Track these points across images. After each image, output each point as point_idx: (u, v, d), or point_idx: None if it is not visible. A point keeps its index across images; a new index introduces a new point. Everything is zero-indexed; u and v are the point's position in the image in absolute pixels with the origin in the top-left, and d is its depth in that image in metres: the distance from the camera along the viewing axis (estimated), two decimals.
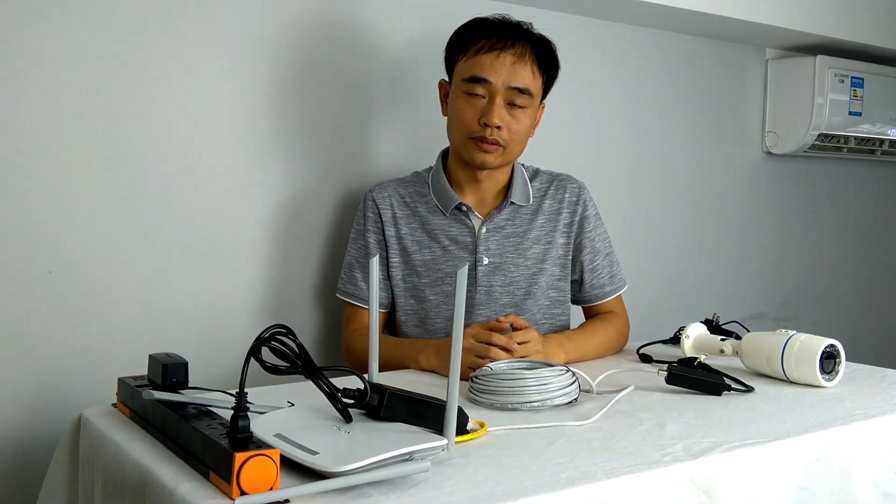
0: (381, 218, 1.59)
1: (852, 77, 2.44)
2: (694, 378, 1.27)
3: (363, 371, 1.04)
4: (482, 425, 1.05)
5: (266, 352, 0.91)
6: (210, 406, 0.99)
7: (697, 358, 1.38)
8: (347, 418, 0.95)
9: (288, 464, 0.85)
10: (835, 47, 2.43)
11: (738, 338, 1.47)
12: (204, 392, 1.05)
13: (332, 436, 0.91)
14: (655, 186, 2.30)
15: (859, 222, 2.83)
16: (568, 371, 1.20)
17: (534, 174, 1.65)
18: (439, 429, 0.91)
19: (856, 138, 2.53)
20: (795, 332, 1.34)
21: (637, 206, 2.26)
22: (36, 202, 1.43)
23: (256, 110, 1.65)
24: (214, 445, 0.84)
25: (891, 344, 2.88)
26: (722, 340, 1.45)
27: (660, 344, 1.62)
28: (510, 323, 1.38)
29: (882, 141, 2.60)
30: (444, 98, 1.59)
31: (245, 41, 1.62)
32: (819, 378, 1.29)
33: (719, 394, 1.24)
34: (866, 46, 2.45)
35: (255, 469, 0.79)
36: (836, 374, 1.32)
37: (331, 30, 1.72)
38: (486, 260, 1.56)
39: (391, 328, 1.63)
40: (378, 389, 0.97)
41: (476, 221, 1.58)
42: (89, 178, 1.47)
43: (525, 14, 1.61)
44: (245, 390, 0.86)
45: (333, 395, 0.95)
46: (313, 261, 1.74)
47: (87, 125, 1.47)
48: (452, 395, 0.89)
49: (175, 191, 1.56)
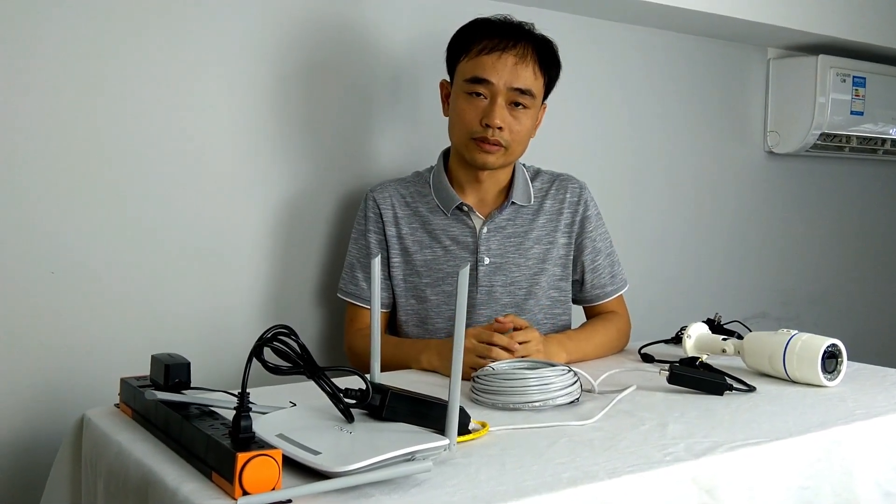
0: (382, 218, 1.59)
1: (854, 76, 2.44)
2: (696, 378, 1.27)
3: (365, 371, 1.04)
4: (484, 425, 1.05)
5: (268, 352, 0.91)
6: (212, 406, 0.99)
7: (699, 357, 1.38)
8: (349, 418, 0.95)
9: (290, 464, 0.85)
10: (837, 47, 2.42)
11: (740, 337, 1.46)
12: (206, 392, 1.05)
13: (334, 436, 0.91)
14: (657, 186, 2.30)
15: (861, 222, 2.83)
16: (570, 371, 1.20)
17: (535, 174, 1.65)
18: (441, 429, 0.91)
19: (858, 138, 2.52)
20: (797, 332, 1.34)
21: (639, 206, 2.26)
22: (38, 203, 1.43)
23: (257, 110, 1.65)
24: (217, 446, 0.84)
25: (893, 343, 2.88)
26: (724, 340, 1.45)
27: (661, 343, 1.62)
28: (512, 323, 1.38)
29: (884, 140, 2.60)
30: (446, 98, 1.60)
31: (246, 42, 1.62)
32: (821, 378, 1.29)
33: (721, 393, 1.24)
34: (868, 46, 2.45)
35: (258, 469, 0.79)
36: (838, 374, 1.32)
37: (331, 30, 1.72)
38: (488, 260, 1.56)
39: (392, 328, 1.64)
40: (380, 389, 0.97)
41: (477, 221, 1.58)
42: (91, 179, 1.48)
43: (526, 14, 1.61)
44: (247, 390, 0.86)
45: (335, 396, 0.95)
46: (315, 261, 1.74)
47: (89, 126, 1.47)
48: (454, 395, 0.89)
49: (177, 191, 1.56)
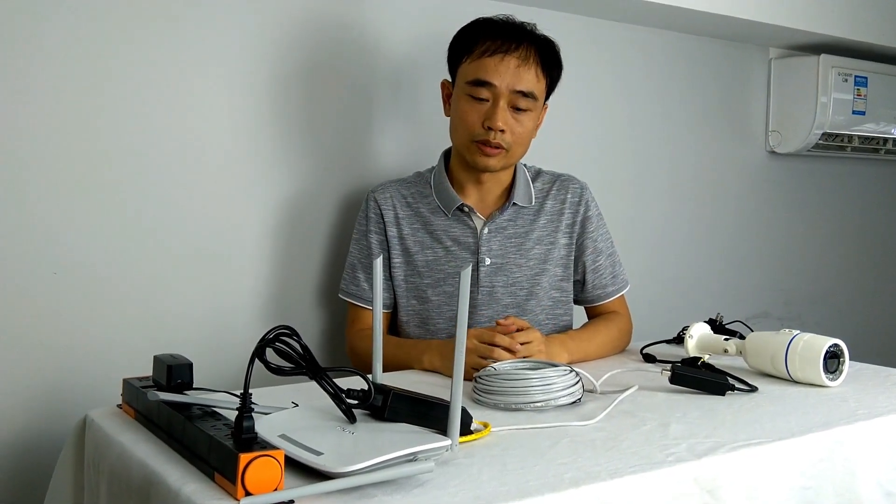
0: (384, 218, 1.59)
1: (856, 76, 2.44)
2: (698, 378, 1.27)
3: (367, 371, 1.04)
4: (486, 425, 1.05)
5: (270, 352, 0.91)
6: (215, 407, 0.99)
7: (701, 358, 1.38)
8: (351, 419, 0.96)
9: (292, 464, 0.85)
10: (838, 46, 2.42)
11: (742, 337, 1.46)
12: (208, 393, 1.05)
13: (337, 436, 0.91)
14: (659, 186, 2.30)
15: (863, 221, 2.82)
16: (572, 371, 1.20)
17: (536, 175, 1.65)
18: (443, 429, 0.91)
19: (859, 137, 2.52)
20: (799, 332, 1.34)
21: (640, 206, 2.26)
22: (40, 204, 1.43)
23: (259, 111, 1.65)
24: (219, 446, 0.84)
25: (895, 343, 2.87)
26: (726, 340, 1.45)
27: (663, 344, 1.62)
28: (514, 325, 1.38)
29: (886, 140, 2.60)
30: (447, 98, 1.59)
31: (246, 42, 1.62)
32: (823, 378, 1.29)
33: (723, 393, 1.24)
34: (870, 45, 2.45)
35: (260, 470, 0.79)
36: (840, 374, 1.31)
37: (332, 30, 1.72)
38: (489, 261, 1.56)
39: (393, 329, 1.64)
40: (382, 390, 0.97)
41: (478, 222, 1.58)
42: (92, 180, 1.48)
43: (526, 14, 1.61)
44: (249, 391, 0.86)
45: (337, 396, 0.95)
46: (316, 261, 1.74)
47: (90, 126, 1.47)
48: (456, 396, 0.89)
49: (179, 192, 1.57)
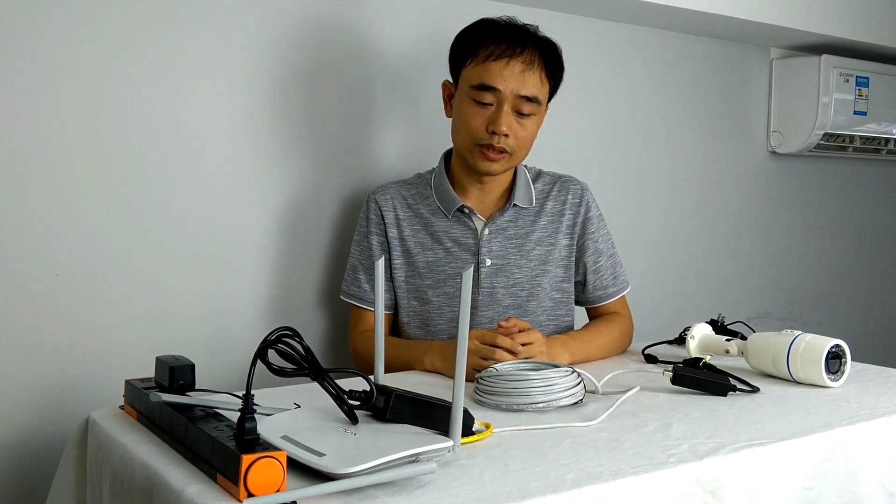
0: (384, 220, 1.59)
1: (857, 76, 2.44)
2: (699, 378, 1.27)
3: (369, 372, 1.04)
4: (488, 426, 1.05)
5: (272, 354, 0.91)
6: (217, 408, 0.99)
7: (703, 358, 1.38)
8: (353, 420, 0.96)
9: (294, 465, 0.86)
10: (839, 47, 2.42)
11: (744, 338, 1.46)
12: (211, 394, 1.05)
13: (339, 437, 0.91)
14: (660, 186, 2.30)
15: (864, 222, 2.82)
16: (573, 372, 1.20)
17: (536, 176, 1.65)
18: (445, 430, 0.91)
19: (861, 138, 2.52)
20: (801, 333, 1.34)
21: (642, 206, 2.26)
22: (41, 205, 1.43)
23: (260, 112, 1.65)
24: (222, 447, 0.84)
25: None
26: (727, 341, 1.44)
27: (665, 344, 1.62)
28: (516, 327, 1.37)
29: (887, 140, 2.60)
30: (448, 99, 1.59)
31: (248, 44, 1.62)
32: (825, 378, 1.29)
33: (725, 394, 1.24)
34: (871, 46, 2.45)
35: (262, 471, 0.79)
36: (842, 375, 1.31)
37: (333, 31, 1.72)
38: (489, 262, 1.56)
39: (394, 330, 1.64)
40: (384, 391, 0.97)
41: (479, 223, 1.58)
42: (95, 181, 1.48)
43: (527, 14, 1.60)
44: (251, 392, 0.87)
45: (339, 397, 0.95)
46: (318, 262, 1.74)
47: (92, 128, 1.47)
48: (458, 397, 0.89)
49: (180, 193, 1.57)
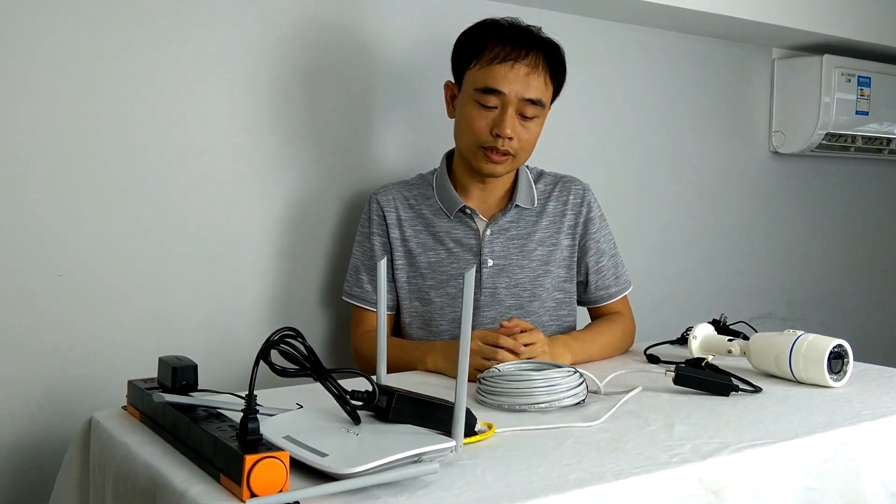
0: (386, 220, 1.59)
1: (859, 76, 2.44)
2: (702, 379, 1.27)
3: (371, 373, 1.04)
4: (490, 427, 1.05)
5: (275, 354, 0.91)
6: (220, 408, 0.99)
7: (705, 358, 1.38)
8: (356, 420, 0.96)
9: (297, 466, 0.86)
10: (841, 46, 2.42)
11: (746, 338, 1.46)
12: (213, 394, 1.05)
13: (341, 438, 0.91)
14: (662, 186, 2.30)
15: (866, 221, 2.82)
16: (576, 372, 1.20)
17: (538, 176, 1.65)
18: (447, 430, 0.91)
19: (863, 137, 2.52)
20: (803, 333, 1.34)
21: (644, 207, 2.26)
22: (44, 206, 1.44)
23: (262, 113, 1.65)
24: (224, 448, 0.84)
25: None
26: (729, 341, 1.44)
27: (667, 344, 1.62)
28: (518, 327, 1.37)
29: (889, 140, 2.59)
30: (451, 100, 1.58)
31: (249, 44, 1.63)
32: (827, 378, 1.29)
33: (727, 394, 1.24)
34: (873, 45, 2.45)
35: (265, 471, 0.79)
36: (845, 375, 1.31)
37: (334, 32, 1.73)
38: (491, 262, 1.56)
39: (397, 330, 1.64)
40: (386, 391, 0.97)
41: (480, 224, 1.58)
42: (97, 182, 1.48)
43: (529, 15, 1.61)
44: (254, 393, 0.87)
45: (342, 397, 0.95)
46: (320, 263, 1.74)
47: (94, 129, 1.48)
48: (461, 397, 0.89)
49: (182, 194, 1.57)
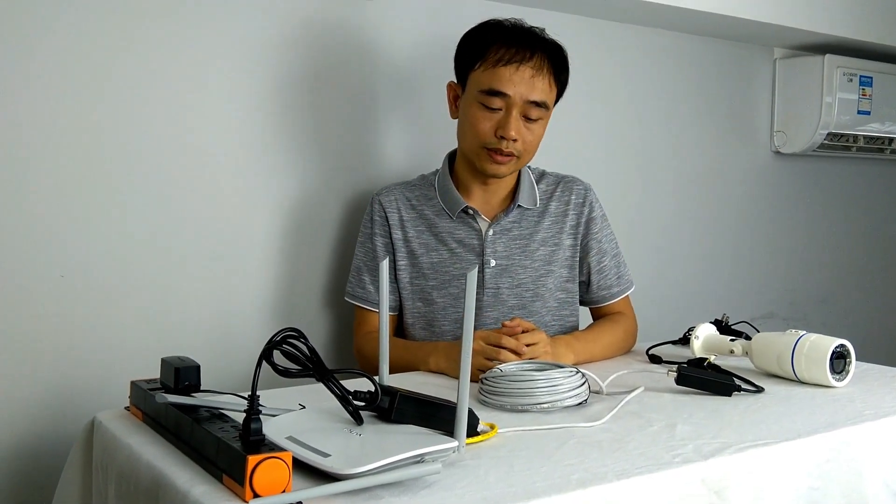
0: (388, 221, 1.59)
1: (861, 76, 2.44)
2: (704, 379, 1.27)
3: (373, 373, 1.04)
4: (493, 427, 1.05)
5: (277, 355, 0.91)
6: (222, 409, 0.99)
7: (707, 358, 1.38)
8: (358, 420, 0.96)
9: (300, 466, 0.86)
10: (843, 46, 2.42)
11: (748, 338, 1.46)
12: (216, 395, 1.06)
13: (344, 438, 0.92)
14: (664, 186, 2.30)
15: (868, 221, 2.82)
16: (578, 372, 1.20)
17: (540, 176, 1.65)
18: (450, 431, 0.91)
19: (865, 137, 2.52)
20: (805, 332, 1.34)
21: (646, 207, 2.26)
22: (46, 207, 1.44)
23: (265, 114, 1.65)
24: (227, 448, 0.84)
25: None
26: (732, 341, 1.44)
27: (669, 344, 1.62)
28: (520, 327, 1.38)
29: (891, 140, 2.59)
30: (454, 100, 1.58)
31: (252, 45, 1.63)
32: (829, 378, 1.29)
33: (729, 394, 1.24)
34: (875, 45, 2.44)
35: (268, 471, 0.80)
36: (847, 374, 1.31)
37: (337, 33, 1.73)
38: (494, 262, 1.56)
39: (399, 331, 1.64)
40: (389, 392, 0.97)
41: (483, 224, 1.58)
42: (100, 183, 1.48)
43: (531, 15, 1.60)
44: (257, 393, 0.87)
45: (344, 398, 0.95)
46: (323, 263, 1.74)
47: (97, 129, 1.48)
48: (463, 397, 0.90)
49: (185, 195, 1.57)
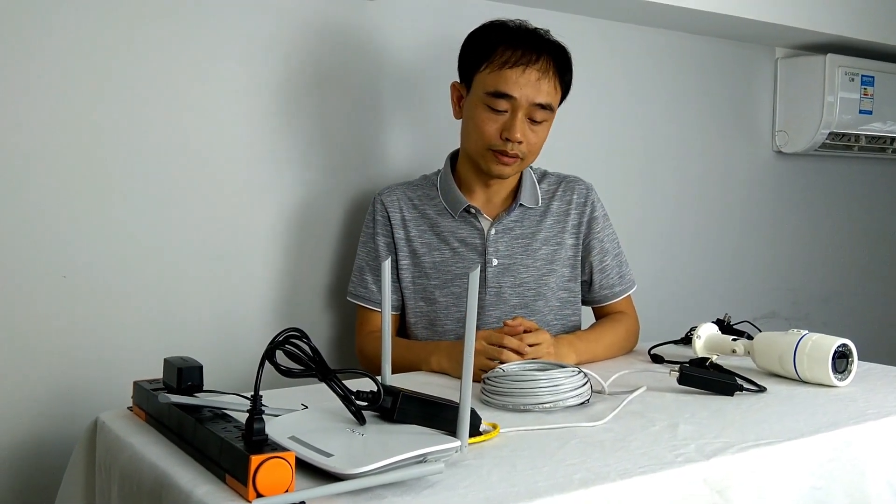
0: (391, 221, 1.60)
1: (862, 75, 2.44)
2: (706, 378, 1.27)
3: (375, 373, 1.04)
4: (495, 427, 1.05)
5: (280, 355, 0.91)
6: (225, 409, 0.99)
7: (709, 358, 1.38)
8: (361, 420, 0.96)
9: (303, 466, 0.86)
10: (845, 46, 2.42)
11: (750, 338, 1.46)
12: (219, 395, 1.06)
13: (347, 438, 0.92)
14: (666, 186, 2.30)
15: (870, 221, 2.82)
16: (580, 372, 1.20)
17: (541, 176, 1.65)
18: (452, 430, 0.91)
19: (866, 136, 2.52)
20: (807, 332, 1.34)
21: (648, 206, 2.26)
22: (49, 208, 1.44)
23: (267, 115, 1.65)
24: (230, 448, 0.85)
25: None
26: (734, 340, 1.44)
27: (671, 344, 1.62)
28: (521, 326, 1.38)
29: (893, 139, 2.59)
30: (458, 101, 1.58)
31: (253, 45, 1.63)
32: (832, 377, 1.29)
33: (731, 394, 1.24)
34: (876, 45, 2.44)
35: (271, 471, 0.80)
36: (849, 374, 1.31)
37: (340, 34, 1.73)
38: (496, 261, 1.56)
39: (402, 330, 1.64)
40: (391, 392, 0.97)
41: (485, 223, 1.58)
42: (103, 184, 1.49)
43: (532, 15, 1.61)
44: (260, 393, 0.87)
45: (347, 398, 0.96)
46: (325, 263, 1.75)
47: (101, 130, 1.48)
48: (465, 397, 0.90)
49: (188, 195, 1.57)
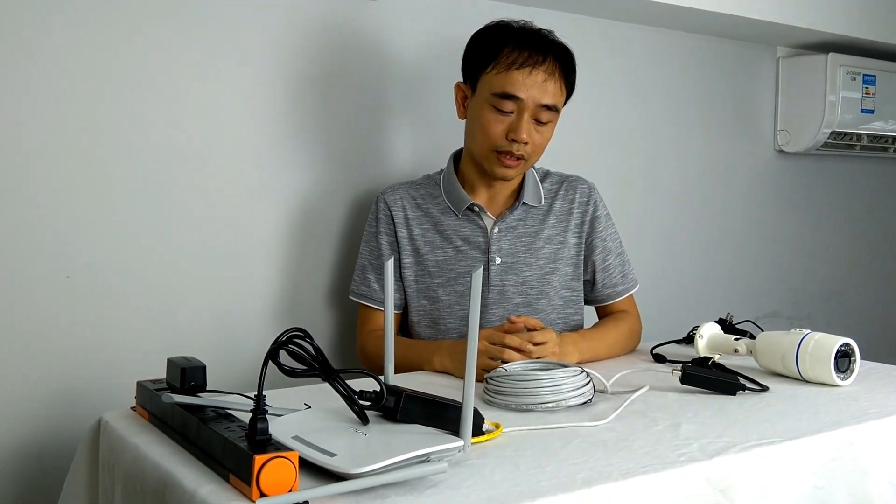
0: (393, 220, 1.60)
1: (864, 75, 2.43)
2: (708, 378, 1.27)
3: (378, 373, 1.04)
4: (498, 426, 1.05)
5: (283, 354, 0.92)
6: (228, 409, 1.00)
7: (711, 357, 1.38)
8: (364, 420, 0.96)
9: (306, 465, 0.86)
10: (846, 45, 2.42)
11: (752, 337, 1.46)
12: (222, 395, 1.06)
13: (350, 437, 0.92)
14: (668, 186, 2.30)
15: (872, 220, 2.82)
16: (582, 372, 1.20)
17: (544, 176, 1.66)
18: (455, 430, 0.91)
19: (868, 136, 2.52)
20: (810, 331, 1.34)
21: (650, 206, 2.26)
22: (52, 208, 1.44)
23: (270, 114, 1.66)
24: (234, 448, 0.85)
25: None
26: (736, 340, 1.45)
27: (674, 344, 1.62)
28: (524, 324, 1.38)
29: (895, 138, 2.59)
30: (462, 101, 1.58)
31: (255, 45, 1.63)
32: (834, 377, 1.29)
33: (734, 393, 1.24)
34: (878, 44, 2.44)
35: (275, 471, 0.80)
36: (851, 373, 1.31)
37: (344, 34, 1.73)
38: (499, 260, 1.57)
39: (404, 329, 1.64)
40: (394, 391, 0.98)
41: (488, 222, 1.59)
42: (105, 184, 1.49)
43: (534, 15, 1.61)
44: (263, 393, 0.87)
45: (350, 398, 0.96)
46: (328, 263, 1.75)
47: (103, 130, 1.48)
48: (468, 397, 0.90)
49: (191, 195, 1.57)
